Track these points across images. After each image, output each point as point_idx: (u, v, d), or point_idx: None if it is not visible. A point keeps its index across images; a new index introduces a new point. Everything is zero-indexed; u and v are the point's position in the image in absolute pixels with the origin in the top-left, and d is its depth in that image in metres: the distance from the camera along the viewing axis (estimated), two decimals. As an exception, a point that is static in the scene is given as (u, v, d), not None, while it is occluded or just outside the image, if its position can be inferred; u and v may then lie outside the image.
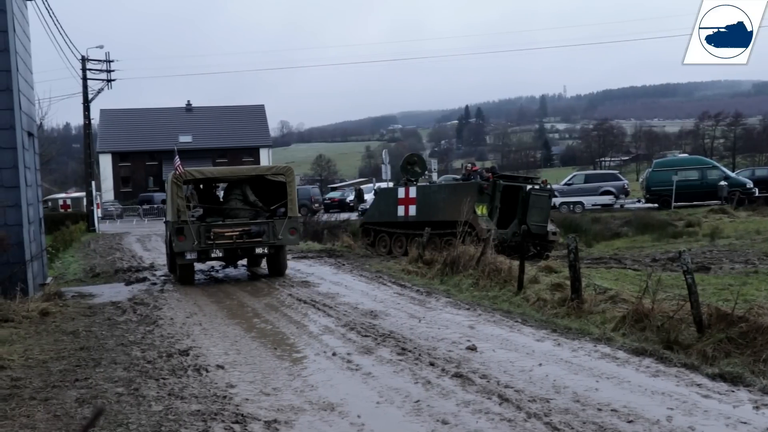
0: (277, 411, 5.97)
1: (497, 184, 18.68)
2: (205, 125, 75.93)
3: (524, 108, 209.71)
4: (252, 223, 14.81)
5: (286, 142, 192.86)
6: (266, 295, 12.78)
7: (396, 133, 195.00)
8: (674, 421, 5.46)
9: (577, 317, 9.74)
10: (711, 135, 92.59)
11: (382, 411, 5.98)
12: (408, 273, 15.10)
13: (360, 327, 9.50)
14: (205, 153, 73.13)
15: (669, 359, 7.25)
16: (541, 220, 19.24)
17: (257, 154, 76.24)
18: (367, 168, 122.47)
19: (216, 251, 14.64)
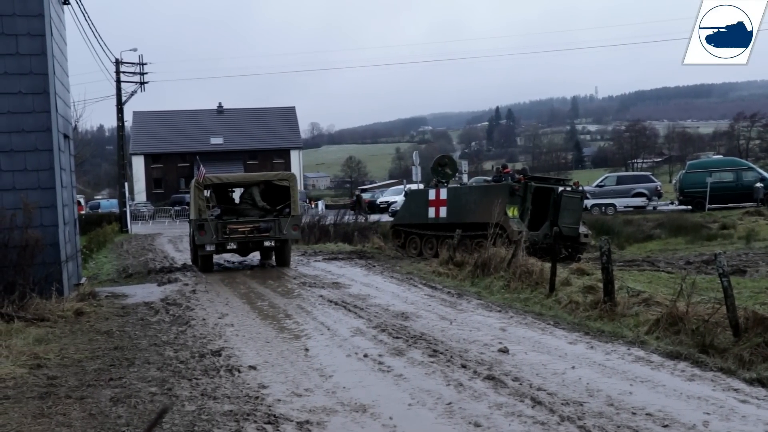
0: (309, 412, 5.98)
1: (528, 186, 18.53)
2: (237, 127, 76.50)
3: (555, 109, 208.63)
4: (261, 221, 17.27)
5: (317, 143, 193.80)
6: (297, 297, 12.82)
7: (426, 135, 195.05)
8: (711, 426, 5.38)
9: (610, 320, 9.65)
10: (746, 136, 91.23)
11: (414, 413, 5.97)
12: (439, 275, 15.07)
13: (391, 329, 9.49)
14: (236, 155, 73.71)
15: (704, 363, 7.16)
16: (572, 222, 19.07)
17: (288, 156, 76.64)
18: (397, 169, 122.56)
19: (231, 244, 17.16)
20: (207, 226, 16.79)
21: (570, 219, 19.03)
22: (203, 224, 16.81)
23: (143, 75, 41.05)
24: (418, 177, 41.81)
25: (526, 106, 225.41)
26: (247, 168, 70.13)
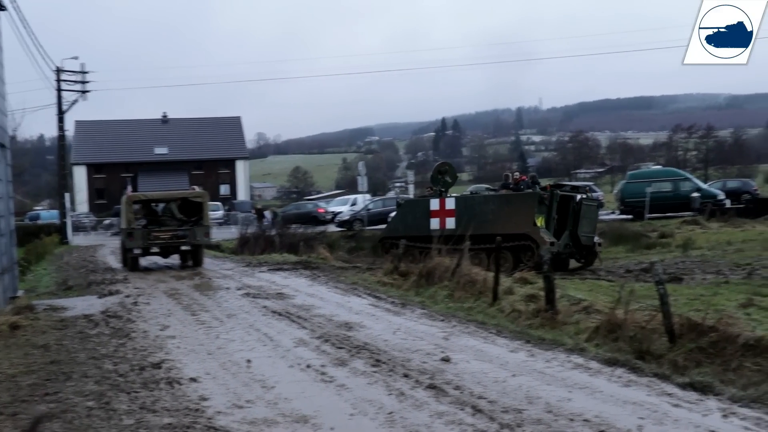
0: (250, 423, 5.94)
1: (554, 194, 18.01)
2: (182, 137, 75.60)
3: (500, 120, 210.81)
4: (178, 229, 20.85)
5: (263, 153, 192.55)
6: (241, 308, 12.71)
7: (373, 145, 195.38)
8: (645, 430, 5.50)
9: (551, 328, 9.79)
10: (684, 147, 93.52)
11: (356, 423, 5.97)
12: (383, 285, 15.09)
13: (335, 339, 9.48)
14: (181, 165, 72.77)
15: (641, 369, 7.31)
16: (590, 230, 18.69)
17: (233, 166, 76.02)
18: (343, 180, 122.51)
19: (154, 248, 20.90)
20: (135, 234, 20.38)
21: (588, 228, 18.64)
22: (132, 232, 20.42)
23: (85, 83, 40.36)
24: (364, 187, 41.97)
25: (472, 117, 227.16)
26: (192, 178, 69.28)
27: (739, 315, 9.60)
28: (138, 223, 20.86)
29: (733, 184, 43.11)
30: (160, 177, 68.81)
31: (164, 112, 79.35)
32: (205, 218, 21.29)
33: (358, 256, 26.08)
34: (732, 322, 8.16)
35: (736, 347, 7.44)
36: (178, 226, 21.05)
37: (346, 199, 50.59)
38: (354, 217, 39.83)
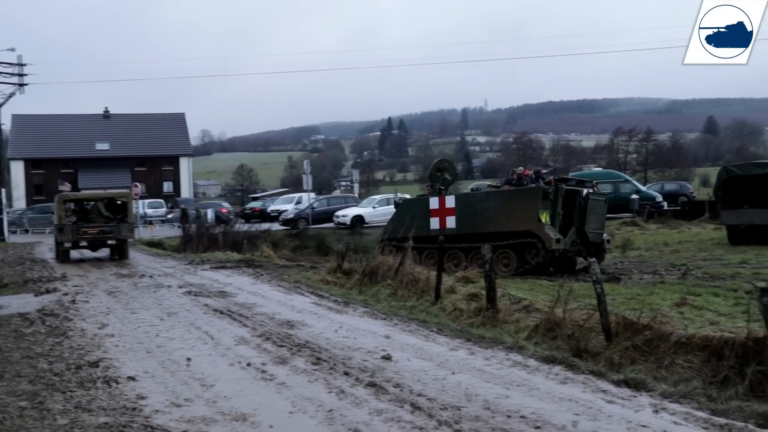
0: (188, 422, 5.89)
1: (560, 189, 17.15)
2: (124, 133, 74.26)
3: (446, 120, 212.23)
4: (105, 226, 23.17)
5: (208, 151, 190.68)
6: (182, 306, 12.57)
7: (319, 144, 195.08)
8: (579, 426, 5.61)
9: (491, 327, 9.90)
10: (625, 150, 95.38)
11: (295, 420, 5.96)
12: (327, 283, 15.08)
13: (276, 337, 9.44)
14: (123, 162, 71.61)
15: (577, 367, 7.45)
16: (598, 227, 17.88)
17: (177, 163, 75.03)
18: (289, 178, 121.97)
19: (83, 242, 23.20)
20: (65, 229, 22.56)
21: (595, 224, 17.85)
22: (62, 228, 22.61)
23: (23, 76, 39.41)
24: (309, 186, 41.86)
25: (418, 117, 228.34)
26: (135, 175, 68.22)
27: (673, 314, 9.85)
28: (69, 219, 23.14)
29: (670, 186, 44.20)
30: (101, 173, 67.66)
31: (106, 107, 77.95)
32: (129, 216, 24.19)
33: (302, 255, 26.01)
34: (666, 320, 8.36)
35: (668, 345, 7.61)
36: (104, 223, 23.44)
37: (291, 197, 50.37)
38: (299, 216, 39.70)
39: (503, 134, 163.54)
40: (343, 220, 37.54)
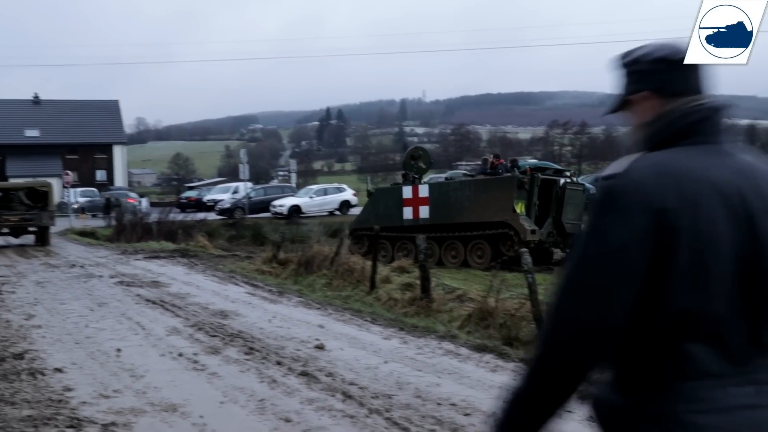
0: (116, 413, 5.80)
1: (536, 178, 16.79)
2: (55, 120, 72.27)
3: (384, 111, 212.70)
4: (26, 214, 24.32)
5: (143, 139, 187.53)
6: (113, 296, 12.36)
7: (256, 133, 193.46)
8: (508, 413, 5.70)
9: (425, 316, 10.00)
10: (560, 142, 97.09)
11: (225, 410, 5.93)
12: (262, 273, 15.00)
13: (209, 327, 9.36)
14: (54, 149, 69.66)
15: (508, 355, 7.57)
16: (575, 217, 17.21)
17: (110, 151, 73.45)
18: (226, 167, 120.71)
19: (4, 229, 24.33)
20: None
21: (573, 214, 17.25)
22: None
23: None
24: (246, 175, 41.49)
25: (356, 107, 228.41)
26: (66, 163, 66.54)
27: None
28: None
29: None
30: (31, 161, 65.77)
31: (35, 93, 75.85)
32: (50, 205, 25.18)
33: (239, 245, 25.77)
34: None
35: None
36: (26, 211, 24.55)
37: (228, 187, 49.90)
38: (235, 206, 39.34)
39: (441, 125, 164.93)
40: (280, 210, 37.33)
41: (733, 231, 1.63)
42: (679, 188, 1.63)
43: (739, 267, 1.64)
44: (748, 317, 1.65)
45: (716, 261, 1.62)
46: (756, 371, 1.66)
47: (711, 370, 1.63)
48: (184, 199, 49.85)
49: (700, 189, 1.64)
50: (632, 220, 1.60)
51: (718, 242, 1.62)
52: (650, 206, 1.60)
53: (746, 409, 1.63)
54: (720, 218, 1.63)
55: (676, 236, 1.59)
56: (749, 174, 1.71)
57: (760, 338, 1.67)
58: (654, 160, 1.70)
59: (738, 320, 1.64)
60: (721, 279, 1.63)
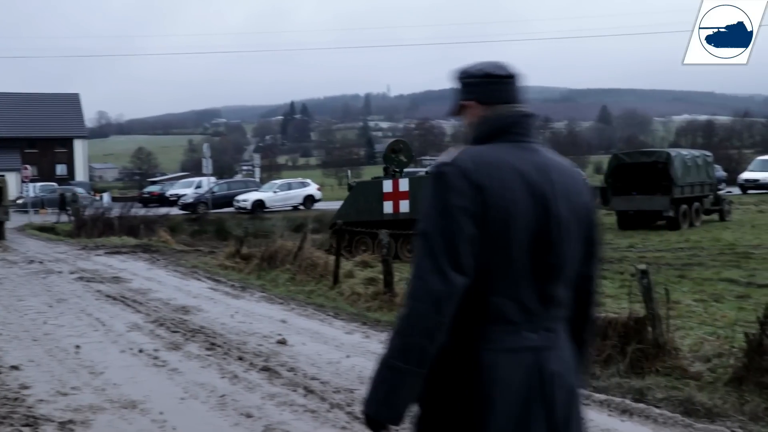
0: (74, 411, 5.73)
1: None
2: (13, 113, 71.01)
3: (349, 105, 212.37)
4: None
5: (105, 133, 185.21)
6: (73, 292, 12.20)
7: (220, 128, 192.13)
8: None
9: (388, 310, 10.01)
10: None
11: (186, 406, 5.90)
12: (225, 268, 14.91)
13: (170, 323, 9.29)
14: (13, 143, 68.47)
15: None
16: None
17: (71, 145, 72.47)
18: (189, 162, 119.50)
19: None
20: None
21: None
22: None
23: None
24: (209, 170, 41.15)
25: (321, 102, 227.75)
26: (25, 157, 65.45)
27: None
28: None
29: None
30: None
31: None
32: (4, 200, 25.42)
33: (202, 240, 25.60)
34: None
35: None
36: None
37: (191, 181, 49.46)
38: (198, 200, 39.04)
39: (406, 120, 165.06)
40: (243, 205, 37.15)
41: (531, 208, 2.12)
42: (490, 172, 2.11)
43: (533, 237, 2.12)
44: (538, 277, 2.14)
45: (515, 230, 2.10)
46: (544, 321, 2.17)
47: (508, 318, 2.11)
48: (147, 193, 49.38)
49: (506, 174, 2.12)
50: (461, 192, 2.07)
51: (517, 216, 2.10)
52: (471, 183, 2.08)
53: (530, 350, 2.13)
54: (520, 197, 2.11)
55: (487, 207, 2.07)
56: (547, 166, 2.21)
57: (549, 295, 2.17)
58: (474, 152, 2.20)
59: (531, 279, 2.13)
60: (519, 245, 2.11)
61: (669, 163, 23.41)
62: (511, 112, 2.28)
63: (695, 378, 6.24)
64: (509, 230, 2.09)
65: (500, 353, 2.09)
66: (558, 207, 2.17)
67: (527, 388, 2.10)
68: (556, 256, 2.17)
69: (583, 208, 2.29)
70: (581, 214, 2.27)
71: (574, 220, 2.23)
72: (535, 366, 2.12)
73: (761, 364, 5.77)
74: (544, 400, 2.13)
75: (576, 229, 2.24)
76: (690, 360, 6.67)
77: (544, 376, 2.13)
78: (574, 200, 2.24)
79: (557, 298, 2.21)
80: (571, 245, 2.22)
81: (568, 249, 2.21)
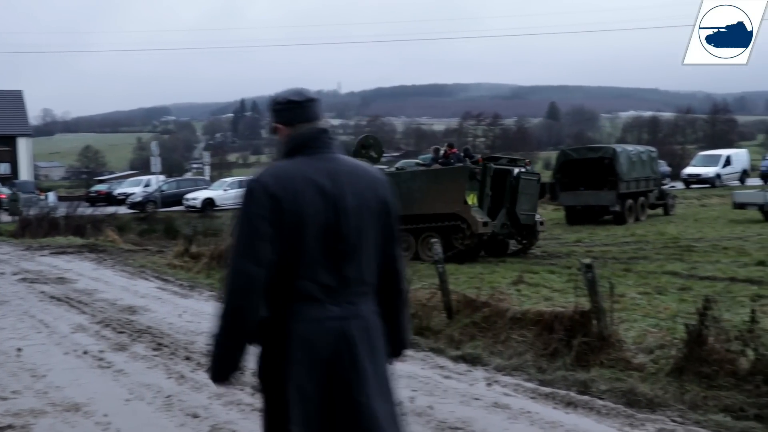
0: (14, 416, 5.61)
1: (488, 168, 16.17)
2: (-48, 111, 69.22)
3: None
4: None
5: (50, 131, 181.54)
6: (15, 294, 11.94)
7: (169, 125, 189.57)
8: (416, 401, 5.77)
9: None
10: (473, 134, 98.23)
11: (131, 408, 5.82)
12: (173, 267, 14.74)
13: (116, 323, 9.15)
14: (-48, 141, 66.72)
15: (418, 344, 7.62)
16: (530, 208, 16.97)
17: (14, 144, 70.66)
18: (138, 160, 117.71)
19: None
20: None
21: (527, 205, 16.89)
22: None
23: None
24: (157, 168, 40.58)
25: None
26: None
27: (511, 291, 10.30)
28: None
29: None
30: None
31: (-68, 83, 72.44)
32: None
33: (150, 239, 25.24)
34: (503, 297, 8.69)
35: (505, 321, 7.93)
36: None
37: (139, 180, 48.76)
38: (147, 199, 38.51)
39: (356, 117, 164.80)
40: (193, 203, 36.74)
41: (322, 209, 2.67)
42: (285, 184, 2.68)
43: (324, 231, 2.67)
44: (334, 263, 2.69)
45: (308, 227, 2.65)
46: (345, 296, 2.71)
47: (312, 296, 2.67)
48: (94, 192, 48.49)
49: (299, 184, 2.68)
50: (260, 203, 2.66)
51: (308, 216, 2.65)
52: (269, 195, 2.65)
53: (334, 319, 2.67)
54: (311, 201, 2.66)
55: (282, 212, 2.63)
56: (338, 172, 2.76)
57: (345, 276, 2.71)
58: (275, 168, 2.79)
59: (327, 264, 2.68)
60: (313, 238, 2.66)
61: (615, 158, 23.82)
62: (310, 129, 2.82)
63: (638, 369, 6.36)
64: (303, 228, 2.65)
65: (307, 323, 2.66)
66: (346, 204, 2.71)
67: (333, 349, 2.67)
68: (346, 244, 2.71)
69: (377, 201, 2.83)
70: (375, 207, 2.81)
71: (367, 213, 2.77)
72: (340, 331, 2.67)
73: (700, 354, 5.91)
74: (350, 358, 2.67)
75: (370, 220, 2.78)
76: (634, 352, 6.80)
77: (348, 338, 2.68)
78: (367, 196, 2.79)
79: (355, 278, 2.73)
80: (362, 234, 2.75)
81: (359, 237, 2.74)
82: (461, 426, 5.22)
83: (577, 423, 5.23)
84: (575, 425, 5.18)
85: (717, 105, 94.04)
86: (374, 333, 2.78)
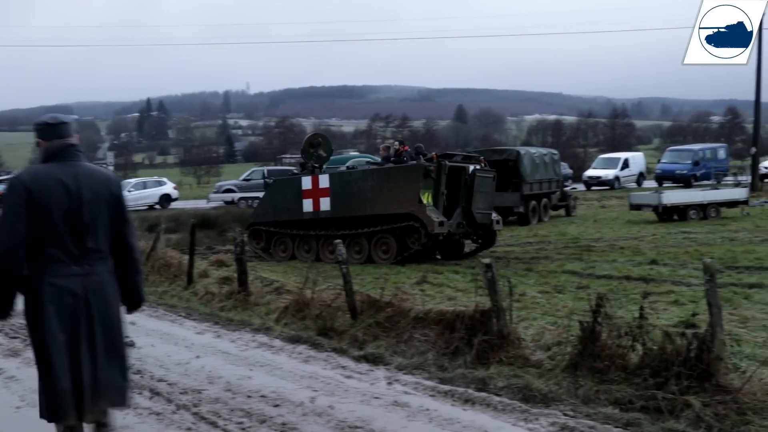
0: None
1: (443, 166, 15.53)
2: None
3: (207, 103, 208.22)
4: None
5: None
6: None
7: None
8: (317, 401, 5.79)
9: (243, 309, 9.93)
10: (382, 135, 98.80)
11: (22, 415, 5.63)
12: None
13: (9, 329, 8.80)
14: None
15: (321, 345, 7.66)
16: (486, 206, 16.37)
17: None
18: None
19: None
20: None
21: (483, 204, 16.33)
22: None
23: None
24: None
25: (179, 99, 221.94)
26: None
27: (415, 291, 10.43)
28: None
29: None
30: None
31: None
32: None
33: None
34: (407, 297, 8.78)
35: (408, 320, 8.02)
36: None
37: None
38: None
39: (265, 118, 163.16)
40: (95, 205, 35.72)
41: (67, 199, 3.91)
42: (37, 180, 3.91)
43: (66, 214, 3.91)
44: (75, 236, 3.94)
45: (53, 212, 3.88)
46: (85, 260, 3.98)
47: (59, 259, 3.92)
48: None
49: (48, 181, 3.91)
50: (18, 194, 3.85)
51: (56, 203, 3.88)
52: (25, 188, 3.87)
53: (76, 276, 3.93)
54: (55, 193, 3.89)
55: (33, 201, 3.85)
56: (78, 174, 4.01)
57: (84, 245, 3.97)
58: (32, 169, 4.06)
59: (70, 237, 3.93)
60: (58, 219, 3.88)
61: (518, 160, 24.36)
62: (61, 143, 4.06)
63: (536, 366, 6.53)
64: (50, 212, 3.87)
65: (55, 278, 3.88)
66: (82, 196, 3.94)
67: (74, 298, 3.91)
68: (83, 224, 3.95)
69: (109, 195, 4.09)
70: (105, 199, 4.05)
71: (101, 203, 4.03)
72: (80, 284, 3.93)
73: (593, 350, 6.11)
74: (86, 305, 3.95)
75: (103, 208, 4.04)
76: (532, 349, 6.98)
77: (86, 290, 3.95)
78: (101, 191, 4.04)
79: (92, 248, 3.99)
80: (96, 217, 4.00)
81: (93, 220, 3.98)
82: (361, 425, 5.26)
83: (474, 419, 5.34)
84: (472, 421, 5.29)
85: (616, 110, 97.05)
86: (106, 286, 4.07)
